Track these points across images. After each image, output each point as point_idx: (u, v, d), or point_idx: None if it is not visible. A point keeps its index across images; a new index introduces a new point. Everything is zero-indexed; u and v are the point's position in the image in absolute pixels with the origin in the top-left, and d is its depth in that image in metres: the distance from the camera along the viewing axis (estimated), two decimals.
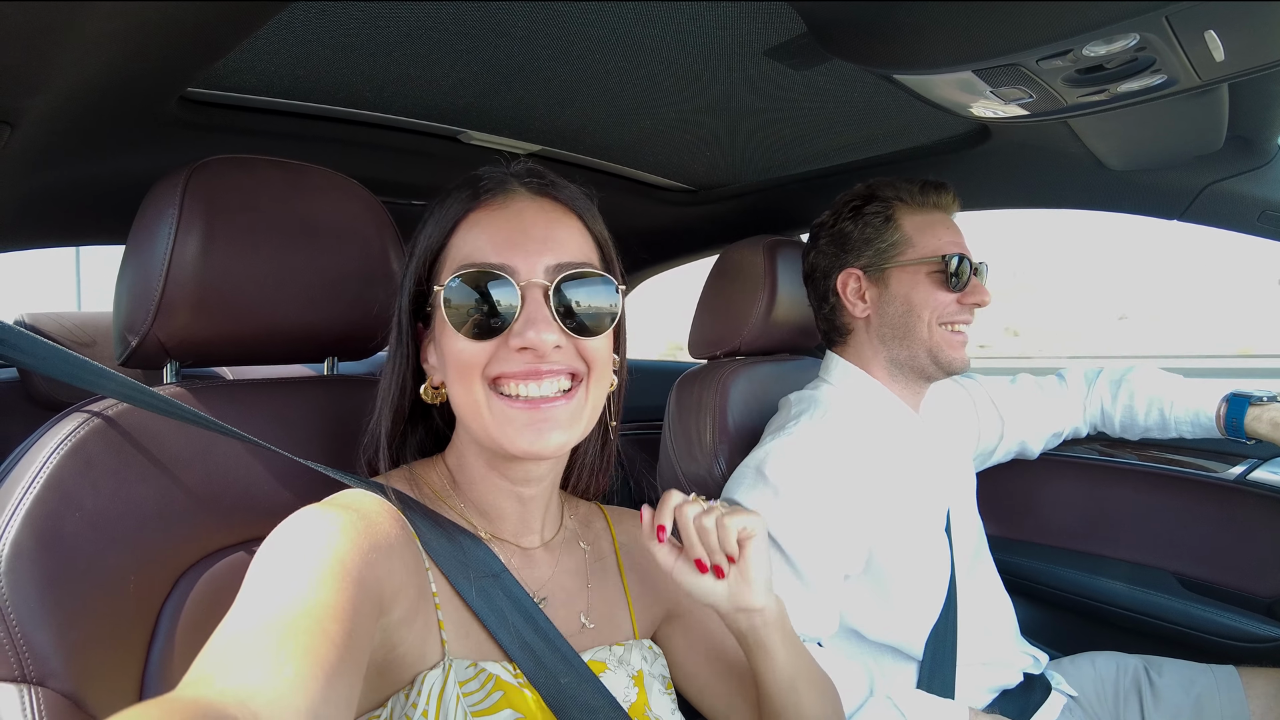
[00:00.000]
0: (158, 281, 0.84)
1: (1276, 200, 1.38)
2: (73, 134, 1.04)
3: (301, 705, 0.48)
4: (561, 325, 0.76)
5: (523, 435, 0.75)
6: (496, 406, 0.76)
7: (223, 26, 0.84)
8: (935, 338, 1.30)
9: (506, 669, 0.75)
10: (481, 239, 0.78)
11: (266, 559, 0.63)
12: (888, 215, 1.34)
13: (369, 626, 0.61)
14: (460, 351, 0.76)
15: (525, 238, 0.77)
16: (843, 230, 1.38)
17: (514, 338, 0.74)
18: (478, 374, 0.76)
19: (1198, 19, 0.81)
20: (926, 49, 0.97)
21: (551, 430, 0.76)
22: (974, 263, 1.32)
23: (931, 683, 1.24)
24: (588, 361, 0.79)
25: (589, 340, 0.78)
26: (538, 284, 0.75)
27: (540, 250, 0.77)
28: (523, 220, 0.78)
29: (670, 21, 1.06)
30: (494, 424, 0.76)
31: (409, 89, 1.27)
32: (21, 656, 0.68)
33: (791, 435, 1.26)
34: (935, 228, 1.33)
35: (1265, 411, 1.38)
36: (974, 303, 1.32)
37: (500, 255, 0.76)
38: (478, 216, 0.79)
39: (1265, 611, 1.46)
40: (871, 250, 1.34)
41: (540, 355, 0.74)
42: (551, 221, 0.80)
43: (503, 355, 0.75)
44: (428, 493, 0.83)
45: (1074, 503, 1.73)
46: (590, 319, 0.78)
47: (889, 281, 1.33)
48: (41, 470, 0.73)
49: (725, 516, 0.79)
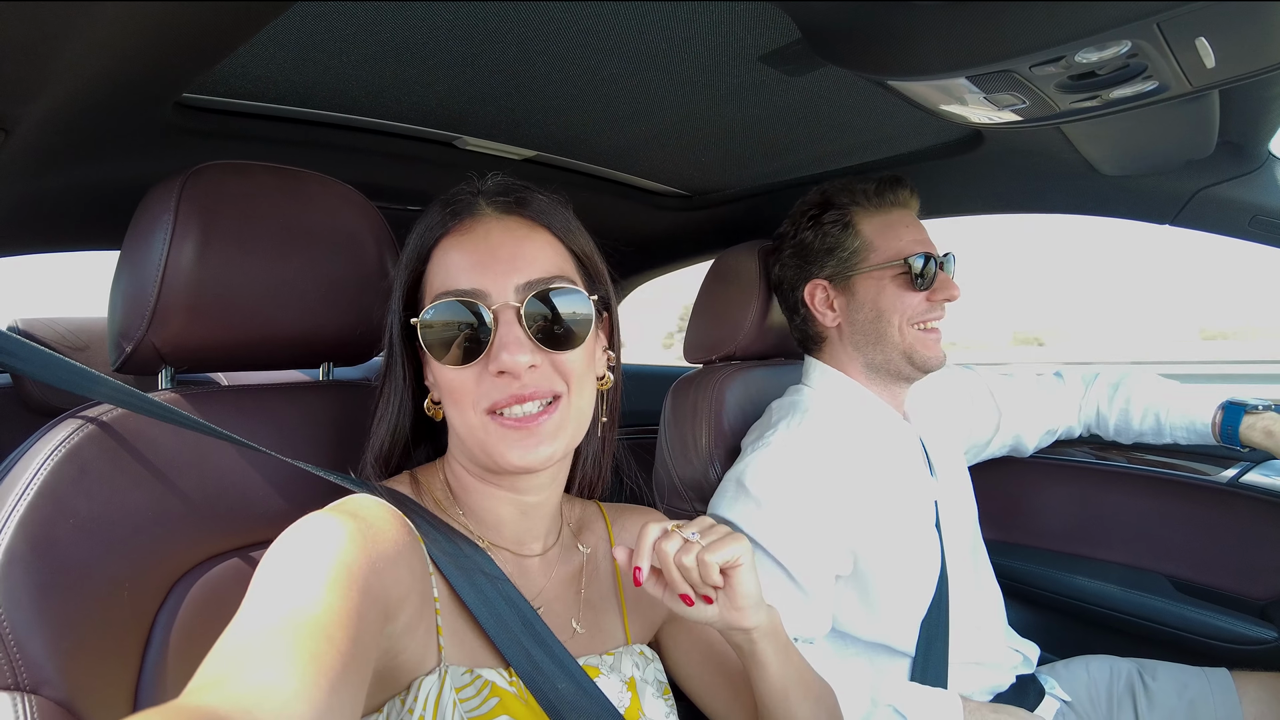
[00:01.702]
0: (153, 287, 0.84)
1: (1267, 205, 1.39)
2: (68, 139, 1.04)
3: (307, 712, 0.48)
4: (535, 343, 0.77)
5: (513, 451, 0.77)
6: (491, 428, 0.78)
7: (219, 32, 0.84)
8: (908, 339, 1.31)
9: (502, 675, 0.76)
10: (453, 265, 0.80)
11: (273, 565, 0.62)
12: (845, 222, 1.34)
13: (375, 634, 0.61)
14: (450, 380, 0.78)
15: (493, 259, 0.79)
16: (803, 241, 1.38)
17: (491, 362, 0.76)
18: (469, 402, 0.78)
19: (1189, 26, 0.81)
20: (920, 55, 0.98)
21: (539, 444, 0.77)
22: (939, 258, 1.32)
23: (925, 677, 1.24)
24: (565, 377, 0.80)
25: (564, 355, 0.79)
26: (509, 305, 0.77)
27: (508, 271, 0.78)
28: (490, 241, 0.80)
29: (665, 27, 1.07)
30: (488, 442, 0.78)
31: (404, 95, 1.27)
32: (15, 664, 0.68)
33: (770, 446, 1.27)
34: (895, 229, 1.33)
35: (1260, 420, 1.39)
36: (943, 298, 1.32)
37: (471, 280, 0.78)
38: (450, 241, 0.81)
39: (1258, 614, 1.46)
40: (834, 260, 1.35)
41: (516, 376, 0.76)
42: (519, 240, 0.81)
43: (487, 382, 0.77)
44: (429, 499, 0.84)
45: (1067, 506, 1.74)
46: (564, 333, 0.79)
47: (855, 289, 1.34)
48: (35, 477, 0.73)
49: (706, 552, 0.76)
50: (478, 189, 0.85)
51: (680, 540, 0.78)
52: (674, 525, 0.80)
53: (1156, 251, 10.58)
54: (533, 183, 0.87)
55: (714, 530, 0.80)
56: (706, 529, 0.80)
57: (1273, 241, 1.43)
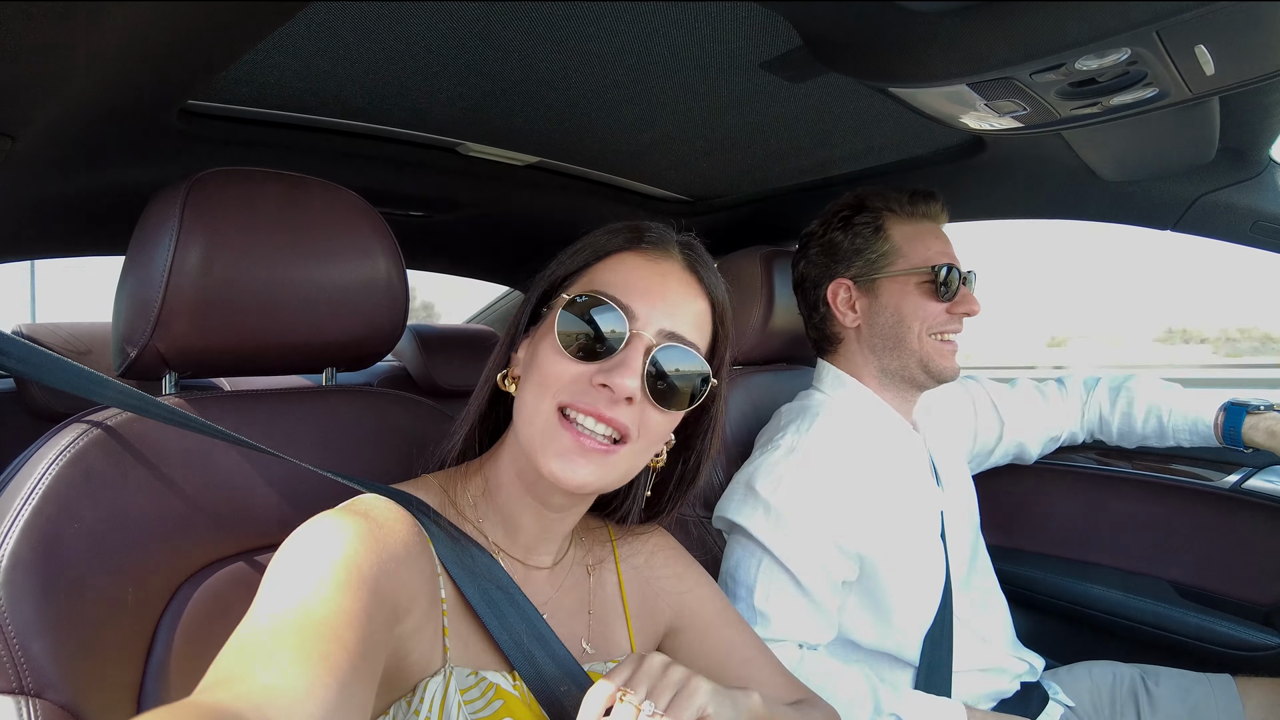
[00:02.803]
0: (157, 293, 0.84)
1: (1268, 211, 1.39)
2: (74, 146, 1.05)
3: (316, 712, 0.49)
4: (644, 383, 0.77)
5: (557, 460, 0.76)
6: (552, 423, 0.77)
7: (224, 39, 0.84)
8: (926, 348, 1.31)
9: (506, 678, 0.76)
10: (624, 277, 0.82)
11: (283, 565, 0.63)
12: (877, 225, 1.35)
13: (384, 634, 0.61)
14: (553, 364, 0.78)
15: (659, 296, 0.81)
16: (832, 240, 1.38)
17: (600, 373, 0.76)
18: (551, 391, 0.78)
19: (1188, 33, 0.82)
20: (921, 62, 0.98)
21: (584, 465, 0.76)
22: (963, 272, 1.33)
23: (929, 686, 1.24)
24: (641, 429, 0.79)
25: (656, 412, 0.79)
26: (646, 338, 0.78)
27: (667, 313, 0.80)
28: (666, 281, 0.82)
29: (667, 35, 1.07)
30: (540, 435, 0.77)
31: (407, 101, 1.28)
32: (19, 668, 0.68)
33: (780, 449, 1.27)
34: (924, 237, 1.34)
35: (1262, 420, 1.39)
36: (963, 312, 1.32)
37: (631, 298, 0.79)
38: (630, 257, 0.84)
39: (1262, 620, 1.46)
40: (861, 260, 1.35)
41: (614, 400, 0.76)
42: (687, 298, 0.83)
43: (581, 385, 0.77)
44: (448, 501, 0.84)
45: (1070, 511, 1.74)
46: (672, 391, 0.80)
47: (879, 292, 1.34)
48: (40, 481, 0.73)
49: (660, 717, 0.66)
50: (675, 235, 0.88)
51: (632, 710, 0.66)
52: (619, 690, 0.67)
53: (1011, 256, 10.53)
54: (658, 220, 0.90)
55: (664, 683, 0.69)
56: (656, 680, 0.69)
57: (1274, 247, 1.43)
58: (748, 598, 1.22)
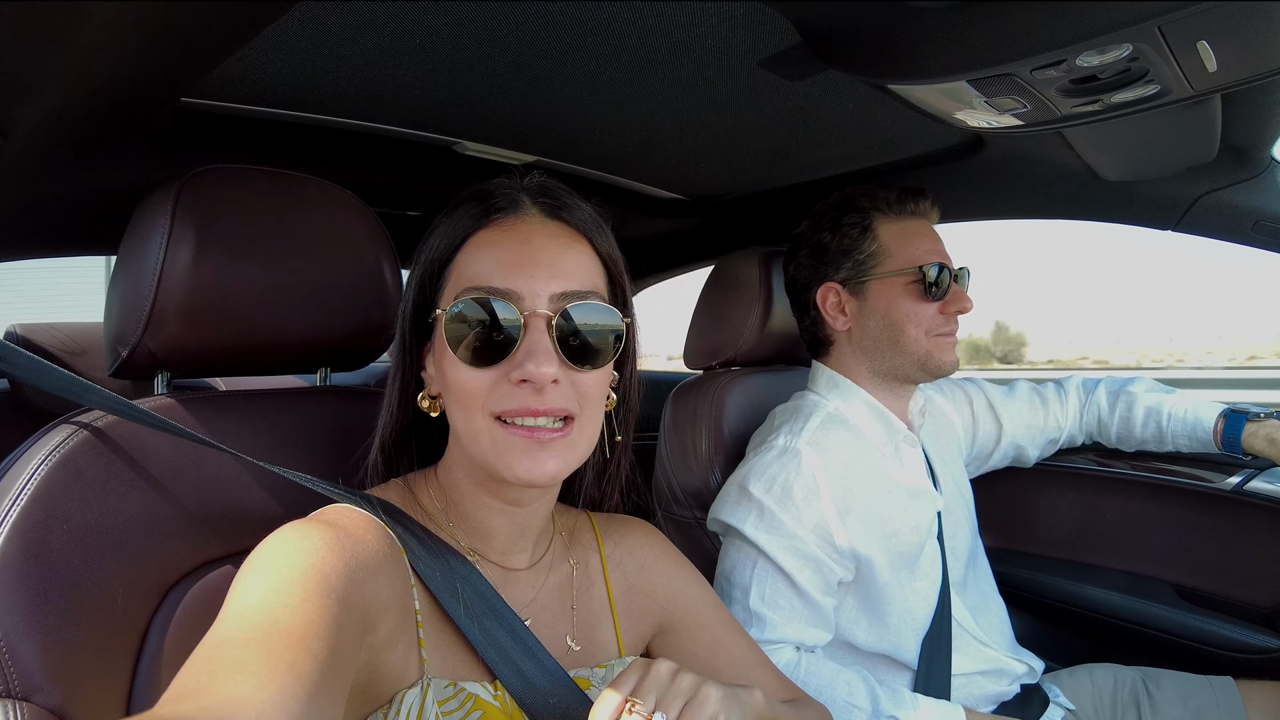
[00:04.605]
0: (149, 292, 0.83)
1: (1270, 210, 1.39)
2: (66, 144, 1.04)
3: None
4: (562, 357, 0.74)
5: (520, 463, 0.73)
6: (499, 434, 0.74)
7: (216, 36, 0.83)
8: (925, 347, 1.30)
9: (486, 688, 0.74)
10: (488, 261, 0.76)
11: (250, 575, 0.61)
12: (865, 225, 1.34)
13: (354, 644, 0.60)
14: (463, 381, 0.75)
15: (533, 263, 0.75)
16: (821, 241, 1.37)
17: (514, 369, 0.73)
18: (479, 406, 0.74)
19: (1190, 29, 0.81)
20: (921, 59, 0.97)
21: (548, 459, 0.74)
22: (953, 270, 1.32)
23: (927, 688, 1.23)
24: (582, 397, 0.76)
25: (587, 375, 0.76)
26: (541, 313, 0.74)
27: (547, 277, 0.75)
28: (531, 244, 0.76)
29: (666, 33, 1.06)
30: (492, 451, 0.74)
31: (404, 99, 1.27)
32: (6, 671, 0.67)
33: (774, 450, 1.26)
34: (913, 237, 1.32)
35: (1262, 427, 1.38)
36: (956, 310, 1.31)
37: (506, 280, 0.74)
38: (486, 235, 0.78)
39: (1263, 622, 1.45)
40: (850, 262, 1.34)
41: (538, 389, 0.73)
42: (561, 247, 0.78)
43: (503, 388, 0.74)
44: (418, 508, 0.82)
45: (1070, 513, 1.73)
46: (589, 350, 0.76)
47: (868, 295, 1.33)
48: (29, 482, 0.72)
49: None
50: (520, 185, 0.81)
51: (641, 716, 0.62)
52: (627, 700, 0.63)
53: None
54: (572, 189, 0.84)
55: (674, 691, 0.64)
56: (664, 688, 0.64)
57: (1275, 247, 1.42)
58: (743, 599, 1.21)
